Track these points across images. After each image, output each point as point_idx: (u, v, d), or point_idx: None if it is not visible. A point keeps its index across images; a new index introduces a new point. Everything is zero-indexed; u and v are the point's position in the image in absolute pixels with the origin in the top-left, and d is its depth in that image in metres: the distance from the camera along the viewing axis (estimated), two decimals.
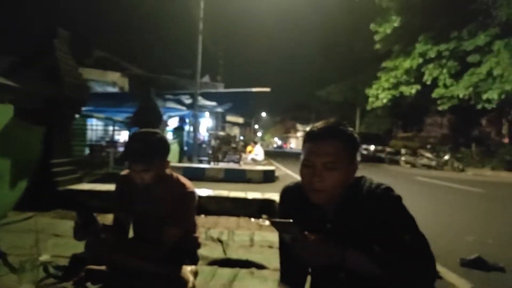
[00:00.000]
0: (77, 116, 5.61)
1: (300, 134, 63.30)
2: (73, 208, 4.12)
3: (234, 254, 2.89)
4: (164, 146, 2.11)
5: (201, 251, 2.42)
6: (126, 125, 12.66)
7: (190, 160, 13.13)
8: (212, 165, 11.08)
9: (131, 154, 2.03)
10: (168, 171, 2.16)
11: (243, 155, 14.48)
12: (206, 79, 23.73)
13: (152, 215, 2.12)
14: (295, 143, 66.31)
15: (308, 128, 1.51)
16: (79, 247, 2.57)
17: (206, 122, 20.12)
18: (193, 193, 2.13)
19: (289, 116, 69.30)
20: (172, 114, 16.10)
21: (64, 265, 2.42)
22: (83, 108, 5.79)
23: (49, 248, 2.81)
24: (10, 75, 4.26)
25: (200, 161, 12.47)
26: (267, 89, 18.49)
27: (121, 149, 13.28)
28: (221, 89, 22.46)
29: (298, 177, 1.49)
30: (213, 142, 14.41)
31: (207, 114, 18.91)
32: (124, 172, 2.27)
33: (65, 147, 5.06)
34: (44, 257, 2.56)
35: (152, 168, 2.02)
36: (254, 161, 13.93)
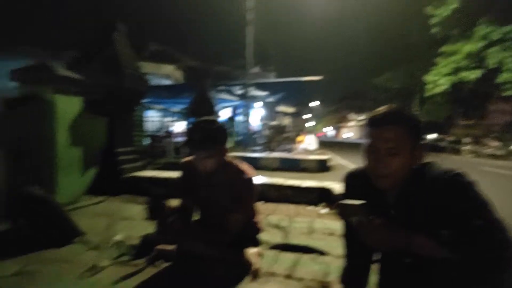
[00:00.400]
0: (137, 107, 5.88)
1: (353, 123, 61.74)
2: (138, 194, 4.39)
3: (295, 240, 2.90)
4: (224, 134, 2.18)
5: (262, 236, 2.46)
6: (182, 115, 13.09)
7: (244, 150, 13.32)
8: (266, 154, 11.16)
9: (193, 142, 2.11)
10: (228, 158, 2.22)
11: (296, 145, 14.42)
12: (257, 69, 23.82)
13: (214, 201, 2.19)
14: (349, 133, 64.68)
15: (364, 116, 1.50)
16: (148, 229, 2.73)
17: (258, 112, 20.24)
18: (251, 179, 2.17)
19: (343, 105, 67.64)
20: (225, 104, 16.38)
21: (136, 245, 2.58)
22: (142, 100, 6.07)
23: (121, 230, 3.00)
24: (75, 69, 4.54)
25: (254, 151, 12.61)
26: (319, 78, 18.20)
27: (178, 139, 13.79)
28: (272, 79, 22.46)
29: (352, 167, 1.47)
30: (265, 132, 14.48)
31: (258, 104, 19.01)
32: (187, 159, 2.36)
33: (127, 137, 5.35)
34: (118, 237, 2.74)
35: (213, 155, 2.09)
36: (307, 150, 13.83)
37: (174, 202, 2.17)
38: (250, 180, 2.14)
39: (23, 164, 3.42)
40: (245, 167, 2.20)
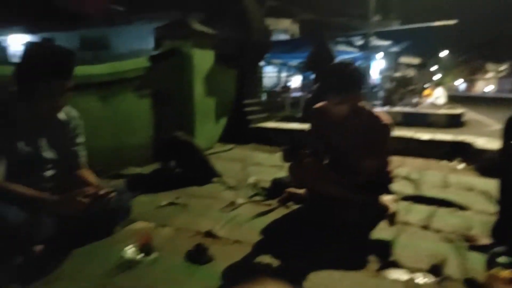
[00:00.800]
0: (262, 61, 6.04)
1: (491, 75, 53.66)
2: (264, 143, 4.64)
3: (428, 193, 2.74)
4: (359, 78, 2.09)
5: (392, 187, 2.38)
6: (299, 70, 13.07)
7: None
8: (387, 108, 10.57)
9: (327, 86, 2.08)
10: (362, 104, 2.14)
11: (421, 99, 13.29)
12: (378, 17, 22.08)
13: (347, 147, 2.16)
14: (488, 86, 56.41)
15: (505, 66, 1.27)
16: (276, 173, 2.89)
17: (378, 64, 19.01)
18: (388, 126, 2.07)
19: (476, 55, 58.99)
20: (343, 57, 15.76)
21: (268, 187, 2.76)
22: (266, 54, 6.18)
23: (252, 173, 3.23)
24: (207, 24, 4.80)
25: (374, 105, 12.03)
26: (452, 22, 16.10)
27: (295, 94, 13.90)
28: (396, 27, 20.62)
29: (490, 123, 1.28)
30: (387, 85, 13.60)
31: (379, 55, 17.78)
32: (319, 105, 2.36)
33: (253, 90, 5.59)
34: (251, 180, 2.96)
35: (347, 100, 2.03)
36: (434, 105, 12.65)
37: (307, 148, 2.21)
38: (386, 126, 2.05)
39: (167, 112, 3.87)
40: (380, 113, 2.11)
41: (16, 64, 1.62)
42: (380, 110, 2.19)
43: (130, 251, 1.70)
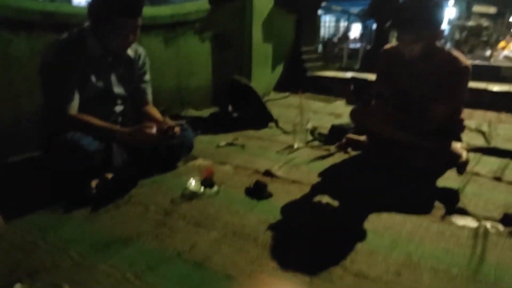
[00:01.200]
0: (321, 6, 5.74)
1: None
2: (319, 92, 4.52)
3: (500, 145, 2.56)
4: (437, 14, 1.88)
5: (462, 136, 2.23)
6: (359, 18, 12.33)
7: None
8: None
9: (400, 23, 1.91)
10: (439, 44, 1.97)
11: (496, 52, 12.10)
12: None
13: (417, 90, 2.02)
14: None
15: None
16: (334, 120, 2.82)
17: (448, 12, 17.40)
18: (467, 68, 1.89)
19: None
20: None
21: (326, 133, 2.72)
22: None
23: (310, 120, 3.17)
24: None
25: None
26: None
27: (353, 45, 13.22)
28: None
29: None
30: (457, 35, 12.46)
31: (450, 2, 16.24)
32: (389, 45, 2.21)
33: (311, 37, 5.37)
34: (309, 125, 2.92)
35: (422, 38, 1.85)
36: (510, 58, 11.47)
37: (373, 91, 2.10)
38: (462, 68, 1.88)
39: (227, 56, 3.86)
40: (458, 54, 1.93)
41: (89, 2, 1.66)
42: (459, 52, 1.98)
43: (193, 183, 1.77)
